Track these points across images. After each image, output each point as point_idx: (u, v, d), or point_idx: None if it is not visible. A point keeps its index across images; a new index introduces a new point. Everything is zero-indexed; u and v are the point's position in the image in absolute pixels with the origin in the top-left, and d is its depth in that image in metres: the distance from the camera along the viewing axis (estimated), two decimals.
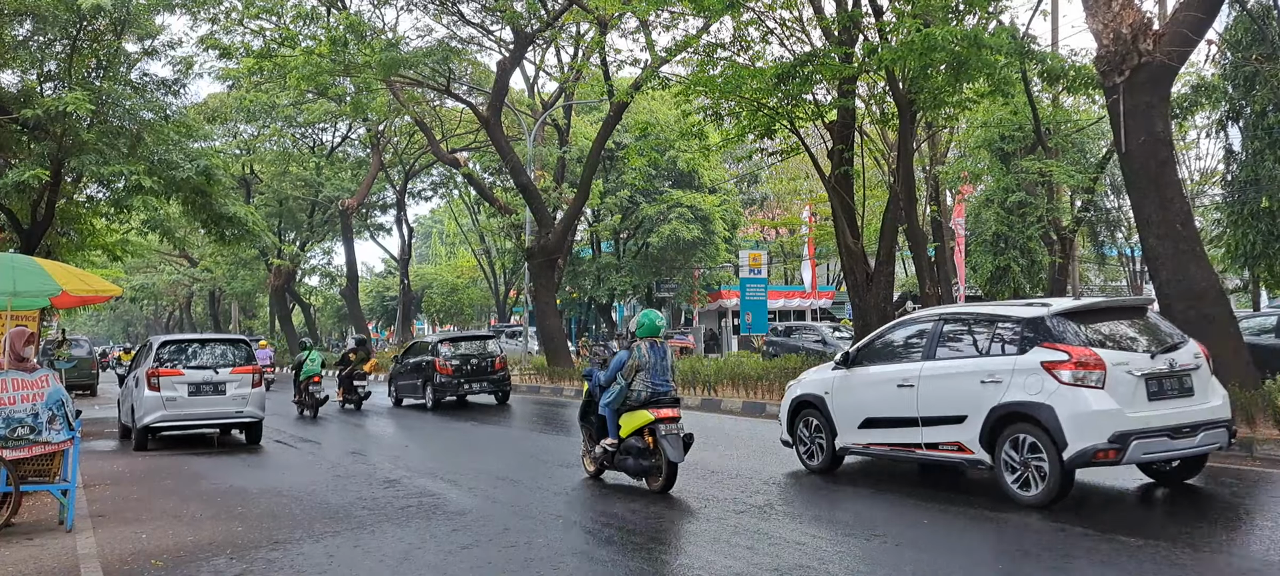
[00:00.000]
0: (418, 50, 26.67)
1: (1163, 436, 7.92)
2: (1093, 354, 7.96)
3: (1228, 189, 28.02)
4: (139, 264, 51.91)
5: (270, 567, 6.87)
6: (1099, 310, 8.77)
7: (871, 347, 10.05)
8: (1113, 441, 7.70)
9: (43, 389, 8.36)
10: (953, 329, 9.18)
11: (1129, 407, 7.85)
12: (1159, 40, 12.50)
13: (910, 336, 9.68)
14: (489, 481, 10.42)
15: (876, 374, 9.64)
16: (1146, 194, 12.68)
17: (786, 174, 48.67)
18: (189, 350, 15.03)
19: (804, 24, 21.46)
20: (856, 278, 21.06)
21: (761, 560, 6.60)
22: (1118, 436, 7.72)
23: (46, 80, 20.17)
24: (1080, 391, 7.86)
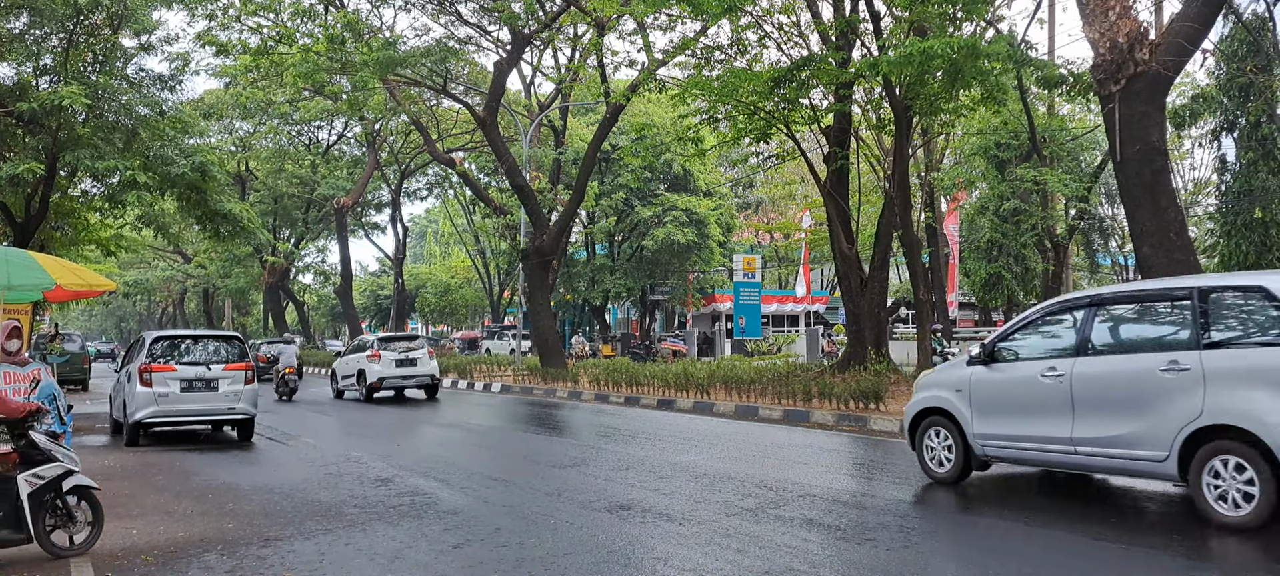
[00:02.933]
0: (415, 50, 26.67)
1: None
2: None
3: (1221, 199, 28.12)
4: (133, 259, 51.84)
5: (261, 564, 6.86)
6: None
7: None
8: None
9: (35, 383, 8.33)
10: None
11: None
12: (1155, 50, 12.55)
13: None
14: (481, 481, 10.41)
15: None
16: (1141, 203, 12.72)
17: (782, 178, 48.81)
18: (182, 346, 15.00)
19: (801, 28, 21.51)
20: (851, 282, 21.10)
21: (751, 563, 6.60)
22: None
23: (42, 74, 20.13)
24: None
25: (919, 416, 9.83)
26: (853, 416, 15.40)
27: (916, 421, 9.86)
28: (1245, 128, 26.05)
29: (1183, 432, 7.23)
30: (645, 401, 20.57)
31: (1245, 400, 6.92)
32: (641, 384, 21.84)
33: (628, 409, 19.82)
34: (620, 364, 24.70)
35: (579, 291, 45.20)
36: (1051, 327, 8.80)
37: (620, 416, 17.99)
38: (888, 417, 14.86)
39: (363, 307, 68.00)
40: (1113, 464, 7.90)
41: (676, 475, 10.47)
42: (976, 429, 9.07)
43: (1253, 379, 6.96)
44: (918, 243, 23.00)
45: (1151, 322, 8.03)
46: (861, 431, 14.63)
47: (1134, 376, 7.71)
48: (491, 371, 30.25)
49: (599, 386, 23.25)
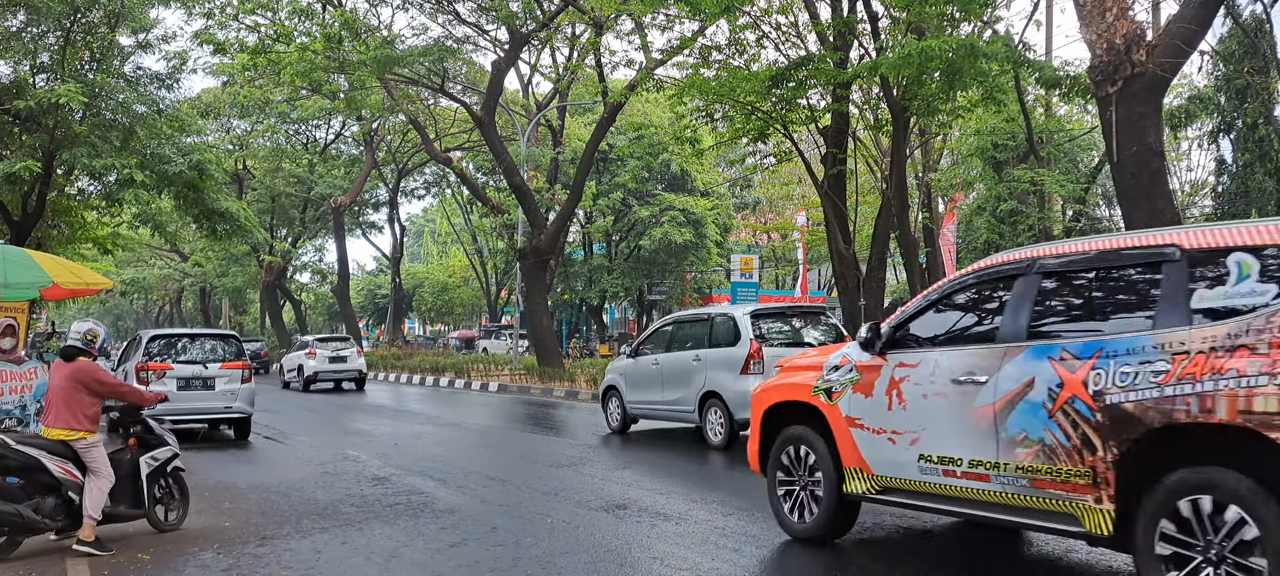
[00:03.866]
0: (413, 49, 26.66)
1: None
2: None
3: (1218, 200, 28.18)
4: (130, 258, 51.76)
5: (257, 563, 6.86)
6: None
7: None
8: None
9: (31, 381, 8.34)
10: None
11: None
12: (1152, 51, 12.56)
13: None
14: (478, 480, 10.42)
15: None
16: (1138, 204, 12.74)
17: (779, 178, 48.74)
18: (178, 345, 15.00)
19: (799, 29, 21.52)
20: (848, 283, 21.11)
21: (747, 563, 6.61)
22: None
23: (39, 72, 20.11)
24: None
25: (605, 392, 15.65)
26: None
27: (604, 395, 15.59)
28: (1242, 129, 26.12)
29: (698, 395, 13.23)
30: None
31: (718, 378, 12.91)
32: None
33: None
34: None
35: (576, 291, 45.17)
36: (657, 336, 14.83)
37: None
38: None
39: (360, 306, 67.99)
40: (676, 414, 13.89)
41: (673, 475, 10.48)
42: (629, 398, 14.88)
43: (720, 366, 12.95)
44: (915, 243, 23.01)
45: (691, 334, 14.09)
46: None
47: (682, 365, 13.73)
48: (489, 371, 30.25)
49: (596, 386, 23.23)
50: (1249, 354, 4.54)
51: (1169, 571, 4.73)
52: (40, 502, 7.01)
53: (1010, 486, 5.48)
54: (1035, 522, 5.46)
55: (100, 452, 7.31)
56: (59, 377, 7.35)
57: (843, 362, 6.71)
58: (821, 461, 6.82)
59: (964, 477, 5.77)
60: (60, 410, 7.24)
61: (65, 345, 7.61)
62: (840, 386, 6.67)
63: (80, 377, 7.32)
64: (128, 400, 7.77)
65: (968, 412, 5.73)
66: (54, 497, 7.10)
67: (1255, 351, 4.53)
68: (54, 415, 7.26)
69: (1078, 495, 5.14)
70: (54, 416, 7.25)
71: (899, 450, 6.19)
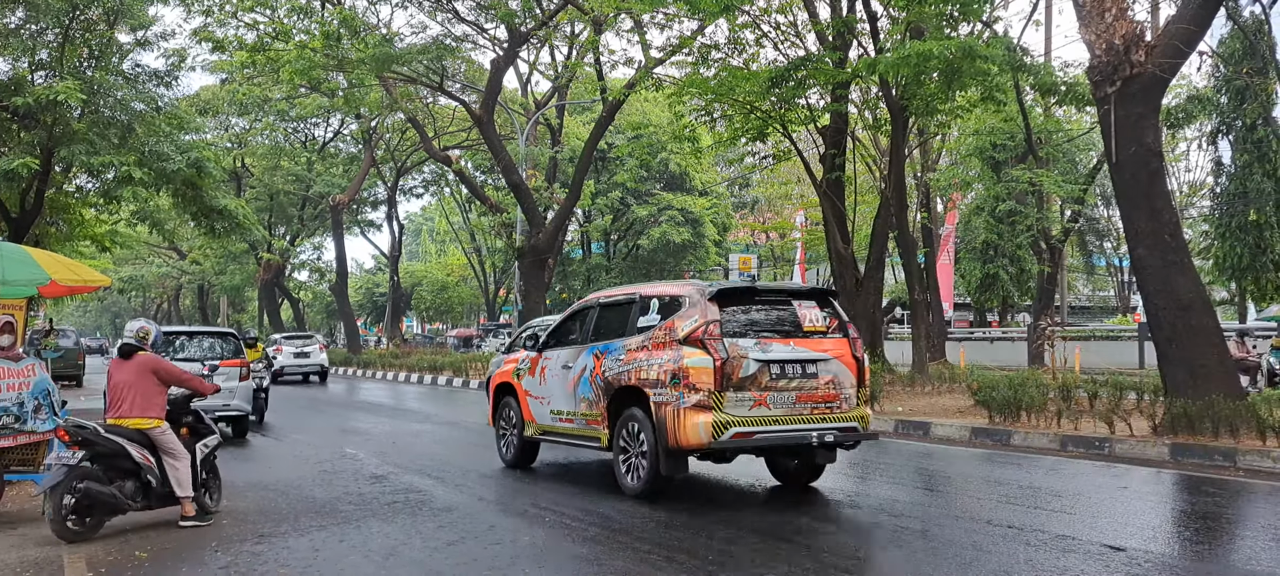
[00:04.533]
0: (411, 47, 26.64)
1: None
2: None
3: (1216, 201, 28.20)
4: (128, 255, 51.73)
5: (256, 561, 6.86)
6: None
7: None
8: None
9: (29, 378, 8.33)
10: None
11: None
12: (1151, 52, 12.57)
13: None
14: (476, 479, 10.41)
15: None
16: (1136, 204, 12.75)
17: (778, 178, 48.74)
18: (177, 342, 14.96)
19: (798, 28, 21.52)
20: (846, 282, 21.10)
21: (742, 553, 6.61)
22: None
23: (38, 69, 20.09)
24: None
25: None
26: None
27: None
28: (1241, 130, 26.14)
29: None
30: None
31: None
32: None
33: None
34: None
35: (575, 290, 45.17)
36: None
37: None
38: (882, 417, 14.87)
39: (358, 305, 67.96)
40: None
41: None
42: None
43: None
44: (913, 243, 23.02)
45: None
46: None
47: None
48: (487, 370, 30.21)
49: None
50: (645, 351, 8.80)
51: (621, 455, 9.03)
52: (122, 485, 7.64)
53: (579, 425, 9.73)
54: (588, 445, 9.75)
55: (172, 437, 7.95)
56: (128, 372, 7.88)
57: (524, 356, 10.98)
58: (517, 416, 10.96)
59: (565, 422, 9.99)
60: (134, 400, 7.80)
61: (123, 343, 8.14)
62: (523, 371, 10.85)
63: (151, 368, 7.93)
64: (191, 388, 8.27)
65: (566, 384, 9.87)
66: (134, 481, 7.72)
67: (647, 349, 8.80)
68: (127, 405, 7.79)
69: (598, 427, 9.37)
70: (128, 406, 7.79)
71: (543, 408, 10.39)
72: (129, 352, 8.02)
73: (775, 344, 8.48)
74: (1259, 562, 6.53)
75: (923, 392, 18.33)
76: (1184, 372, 12.23)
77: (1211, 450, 10.86)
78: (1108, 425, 12.22)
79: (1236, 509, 8.59)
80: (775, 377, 8.39)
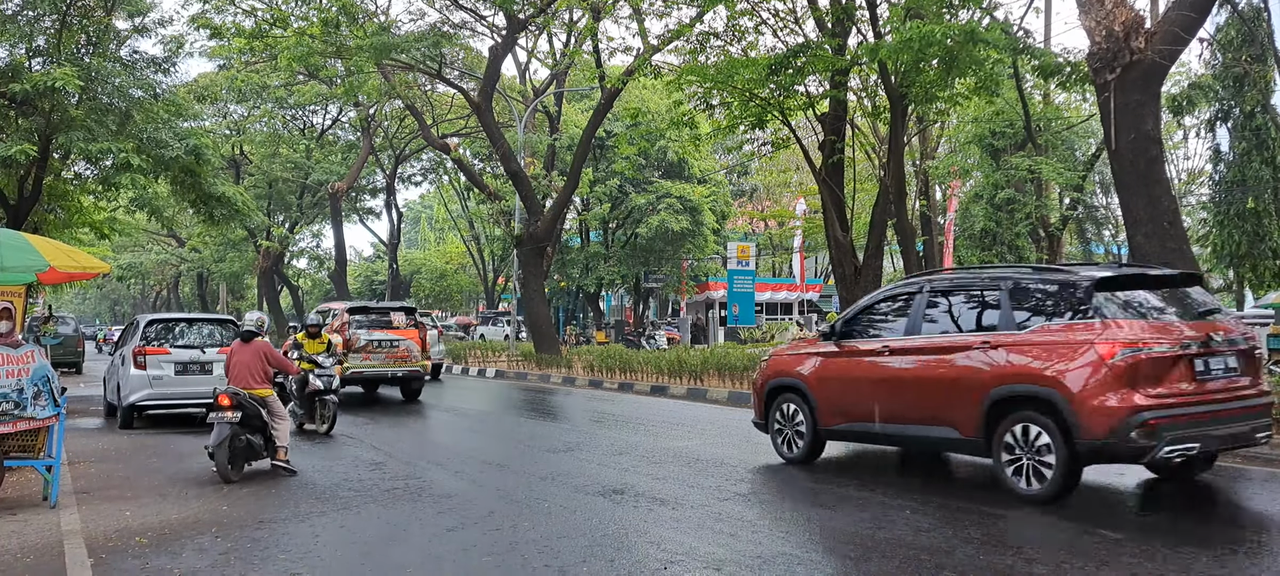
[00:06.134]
0: (410, 34, 26.55)
1: None
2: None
3: (1215, 189, 28.20)
4: (127, 242, 51.69)
5: (255, 546, 6.88)
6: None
7: None
8: None
9: (28, 364, 8.33)
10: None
11: None
12: (1150, 39, 12.56)
13: None
14: (475, 465, 10.44)
15: None
16: (1135, 192, 12.74)
17: (777, 166, 48.75)
18: (176, 329, 14.98)
19: (797, 15, 21.47)
20: (845, 270, 21.09)
21: (744, 547, 6.64)
22: None
23: (35, 55, 20.02)
24: None
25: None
26: None
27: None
28: (1239, 118, 26.12)
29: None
30: (639, 387, 20.60)
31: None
32: (635, 370, 21.87)
33: (621, 395, 19.86)
34: (614, 350, 24.74)
35: (573, 278, 45.17)
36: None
37: (614, 402, 18.02)
38: None
39: (357, 292, 67.86)
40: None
41: (670, 460, 10.50)
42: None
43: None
44: (912, 231, 23.00)
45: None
46: None
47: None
48: (486, 357, 30.27)
49: (593, 372, 23.28)
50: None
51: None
52: (253, 439, 9.86)
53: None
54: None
55: (278, 402, 10.28)
56: (247, 353, 10.20)
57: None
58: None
59: None
60: (255, 374, 10.11)
61: (244, 330, 10.52)
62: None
63: (264, 352, 10.31)
64: (283, 369, 10.69)
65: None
66: (260, 436, 9.95)
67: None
68: (247, 379, 10.05)
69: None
70: (248, 379, 10.05)
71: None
72: (248, 338, 10.33)
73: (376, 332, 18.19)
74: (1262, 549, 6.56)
75: None
76: None
77: None
78: None
79: (1236, 495, 8.62)
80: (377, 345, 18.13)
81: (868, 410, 9.29)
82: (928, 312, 9.05)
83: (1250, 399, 7.94)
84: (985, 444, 8.19)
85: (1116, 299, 7.91)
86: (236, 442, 9.64)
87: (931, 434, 8.74)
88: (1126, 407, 7.36)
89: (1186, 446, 7.48)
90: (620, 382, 21.49)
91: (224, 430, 9.55)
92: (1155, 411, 7.37)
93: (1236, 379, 7.91)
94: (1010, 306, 8.30)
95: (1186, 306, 8.30)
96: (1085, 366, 7.56)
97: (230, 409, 9.59)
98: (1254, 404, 7.97)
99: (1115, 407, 7.38)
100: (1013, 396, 7.99)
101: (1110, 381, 7.44)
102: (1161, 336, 7.64)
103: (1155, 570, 5.91)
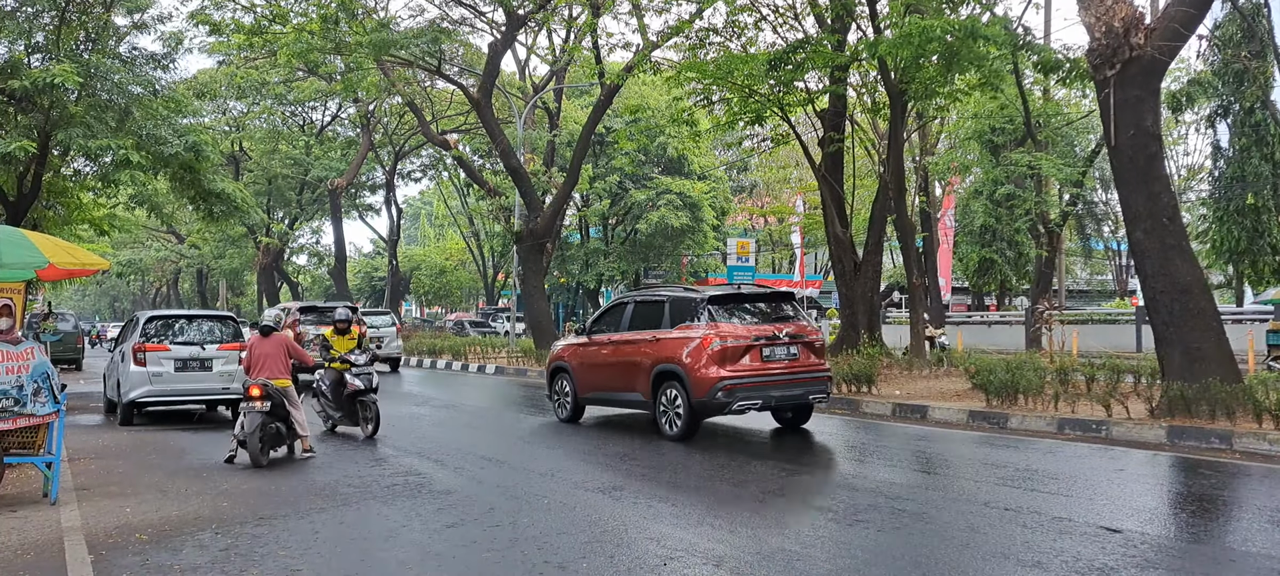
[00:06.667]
0: (409, 31, 26.54)
1: None
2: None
3: (1214, 185, 28.19)
4: (126, 239, 51.69)
5: (255, 543, 6.88)
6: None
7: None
8: None
9: (28, 361, 8.33)
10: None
11: None
12: (1150, 35, 12.55)
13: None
14: (475, 461, 10.44)
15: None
16: (1135, 188, 12.74)
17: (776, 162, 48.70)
18: (176, 326, 14.96)
19: (796, 11, 21.46)
20: (844, 266, 21.11)
21: (743, 543, 6.64)
22: None
23: (34, 52, 20.01)
24: None
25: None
26: (845, 399, 15.44)
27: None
28: (1239, 114, 26.11)
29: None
30: None
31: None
32: None
33: None
34: None
35: (573, 274, 45.18)
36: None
37: None
38: (880, 401, 14.91)
39: (357, 289, 67.89)
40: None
41: (669, 454, 10.50)
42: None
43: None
44: (912, 227, 22.99)
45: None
46: (853, 414, 14.68)
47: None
48: (485, 353, 30.26)
49: None
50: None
51: None
52: (279, 426, 10.70)
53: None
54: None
55: (294, 392, 11.03)
56: (268, 346, 11.10)
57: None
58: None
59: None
60: (277, 365, 11.00)
61: (263, 325, 11.53)
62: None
63: (285, 345, 11.21)
64: (303, 360, 11.59)
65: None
66: (283, 423, 10.75)
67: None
68: (270, 370, 10.92)
69: None
70: (270, 371, 10.92)
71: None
72: (268, 332, 11.21)
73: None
74: (1254, 544, 6.57)
75: (920, 376, 18.35)
76: (1181, 356, 12.25)
77: (1208, 433, 10.89)
78: (1105, 408, 12.25)
79: (1233, 491, 8.62)
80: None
81: (601, 383, 13.18)
82: (631, 318, 13.02)
83: (805, 373, 11.89)
84: (653, 403, 12.15)
85: (720, 310, 11.87)
86: (267, 430, 10.47)
87: (630, 398, 12.72)
88: (715, 378, 11.31)
89: (752, 402, 11.56)
90: None
91: (256, 418, 10.35)
92: (731, 380, 11.33)
93: (796, 360, 11.85)
94: (669, 314, 12.24)
95: (767, 314, 12.26)
96: (696, 352, 11.49)
97: (261, 399, 10.42)
98: (809, 376, 11.94)
99: (710, 378, 11.32)
100: (663, 371, 11.91)
101: (708, 361, 11.38)
102: (740, 333, 11.58)
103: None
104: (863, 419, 14.17)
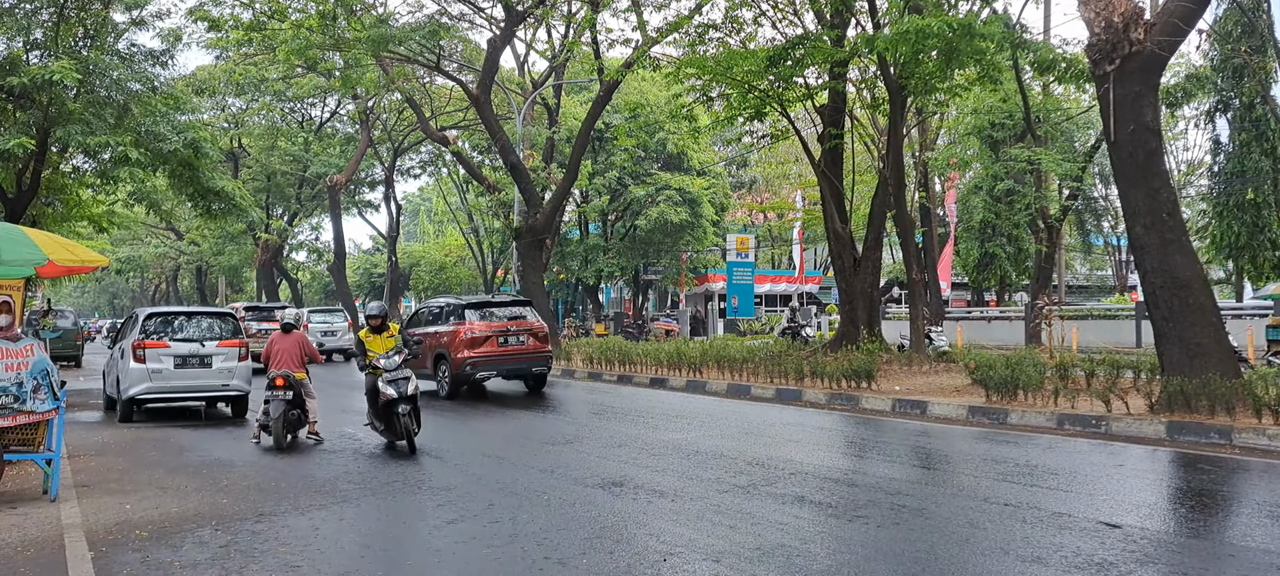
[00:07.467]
0: (407, 27, 26.50)
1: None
2: None
3: (1214, 180, 28.17)
4: (125, 236, 51.64)
5: (255, 539, 6.89)
6: None
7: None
8: None
9: (28, 358, 8.32)
10: None
11: None
12: (1150, 30, 12.54)
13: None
14: (474, 458, 10.45)
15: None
16: (1134, 183, 12.74)
17: (776, 158, 48.69)
18: (175, 323, 14.95)
19: (796, 7, 21.44)
20: (844, 262, 21.11)
21: (743, 539, 6.65)
22: None
23: (33, 48, 19.97)
24: None
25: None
26: (845, 395, 15.45)
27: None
28: (1239, 109, 26.09)
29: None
30: (638, 380, 20.61)
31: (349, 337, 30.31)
32: (634, 362, 21.87)
33: (620, 387, 19.87)
34: (613, 342, 24.75)
35: (572, 270, 45.13)
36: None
37: (613, 394, 18.03)
38: (880, 396, 14.91)
39: (356, 285, 67.85)
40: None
41: (669, 452, 10.51)
42: None
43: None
44: (911, 223, 22.99)
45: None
46: (853, 410, 14.69)
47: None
48: None
49: (592, 365, 23.29)
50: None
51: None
52: (298, 413, 11.87)
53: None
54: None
55: (310, 384, 12.23)
56: (288, 342, 12.18)
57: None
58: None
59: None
60: (293, 359, 12.03)
61: (284, 322, 12.58)
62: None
63: (301, 342, 12.35)
64: (314, 358, 12.58)
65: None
66: (299, 410, 11.89)
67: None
68: (289, 363, 11.95)
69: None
70: (287, 364, 11.93)
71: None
72: (288, 329, 12.38)
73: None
74: (1254, 539, 6.57)
75: (920, 371, 18.36)
76: (1181, 351, 12.26)
77: (1207, 428, 10.90)
78: (1104, 404, 12.25)
79: (1232, 486, 8.63)
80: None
81: (415, 365, 16.22)
82: (434, 314, 18.62)
83: (530, 353, 17.63)
84: (434, 375, 17.65)
85: (474, 313, 17.51)
86: (288, 416, 11.60)
87: (424, 372, 17.67)
88: (465, 357, 17.02)
89: (488, 374, 17.32)
90: (619, 375, 21.51)
91: (279, 405, 11.49)
92: (476, 359, 17.06)
93: (524, 346, 17.50)
94: (449, 315, 17.89)
95: (509, 315, 17.81)
96: (455, 341, 17.19)
97: (284, 388, 11.61)
98: (532, 356, 17.67)
99: (462, 357, 17.02)
100: (439, 354, 17.49)
101: (461, 346, 17.08)
102: (485, 327, 17.24)
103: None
104: (862, 414, 14.18)
